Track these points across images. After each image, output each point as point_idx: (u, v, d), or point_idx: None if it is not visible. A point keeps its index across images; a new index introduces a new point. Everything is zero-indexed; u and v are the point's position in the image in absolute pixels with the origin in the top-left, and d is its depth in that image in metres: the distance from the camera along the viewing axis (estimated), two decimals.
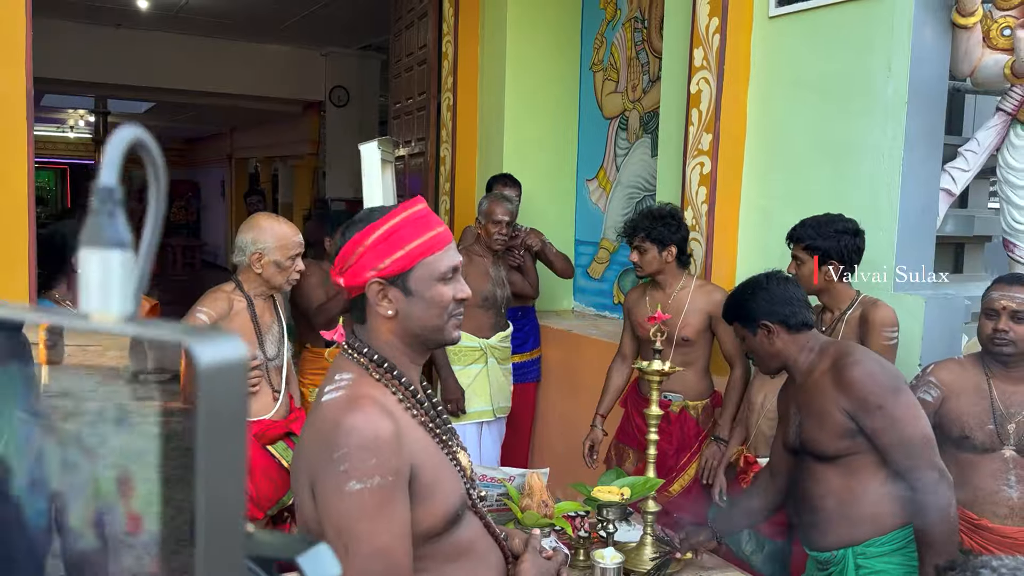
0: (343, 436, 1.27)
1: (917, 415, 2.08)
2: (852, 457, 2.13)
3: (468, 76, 5.12)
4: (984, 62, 2.81)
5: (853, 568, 2.15)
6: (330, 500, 1.27)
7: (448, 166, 5.24)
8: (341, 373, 1.40)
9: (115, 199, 0.48)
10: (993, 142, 2.94)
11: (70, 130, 17.92)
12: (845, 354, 2.13)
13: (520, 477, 2.50)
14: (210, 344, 0.43)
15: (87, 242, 0.47)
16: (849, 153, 2.95)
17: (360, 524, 1.26)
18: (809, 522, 2.25)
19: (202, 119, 14.74)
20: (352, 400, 1.34)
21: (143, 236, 0.50)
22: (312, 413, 1.38)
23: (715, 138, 3.29)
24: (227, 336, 0.45)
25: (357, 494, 1.25)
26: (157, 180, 0.49)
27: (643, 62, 4.53)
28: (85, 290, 0.47)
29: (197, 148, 19.62)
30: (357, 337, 1.44)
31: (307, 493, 1.33)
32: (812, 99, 3.08)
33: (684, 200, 3.44)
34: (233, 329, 2.69)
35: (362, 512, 1.26)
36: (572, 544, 2.52)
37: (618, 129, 4.75)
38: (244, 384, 0.45)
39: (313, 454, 1.31)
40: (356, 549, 1.26)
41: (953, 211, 3.18)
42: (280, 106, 10.85)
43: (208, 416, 0.42)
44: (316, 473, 1.30)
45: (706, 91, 3.32)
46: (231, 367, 0.44)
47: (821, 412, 2.13)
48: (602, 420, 3.35)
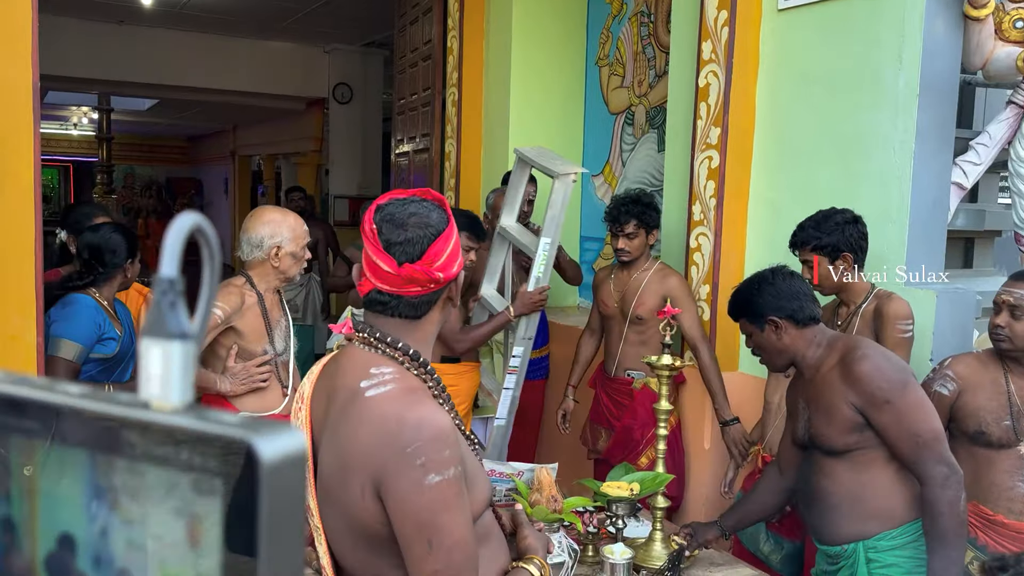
0: (412, 430, 1.24)
1: (926, 410, 2.06)
2: (861, 451, 2.12)
3: (473, 72, 5.10)
4: (996, 55, 2.78)
5: (864, 562, 2.14)
6: (409, 496, 1.24)
7: (453, 162, 5.22)
8: (378, 367, 1.34)
9: (176, 290, 0.48)
10: (1005, 135, 2.92)
11: (73, 127, 17.92)
12: (853, 348, 2.12)
13: (529, 472, 2.49)
14: (271, 439, 0.42)
15: (148, 332, 0.47)
16: (859, 147, 2.93)
17: (442, 516, 1.25)
18: (819, 516, 2.24)
19: (205, 116, 14.72)
20: (408, 393, 1.31)
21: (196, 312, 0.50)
22: (351, 408, 1.31)
23: (724, 132, 3.27)
24: (287, 429, 0.44)
25: (437, 487, 1.24)
26: (212, 262, 0.49)
27: (649, 56, 4.51)
28: (145, 379, 0.47)
29: (200, 145, 19.60)
30: (389, 334, 1.38)
31: (362, 492, 1.28)
32: (822, 92, 3.06)
33: (692, 194, 3.42)
34: (245, 322, 2.69)
35: (444, 504, 1.25)
36: (581, 540, 2.51)
37: (624, 124, 4.73)
38: (304, 479, 0.45)
39: (375, 451, 1.26)
40: (439, 542, 1.25)
41: (963, 205, 3.15)
42: (283, 103, 10.82)
43: (271, 516, 0.42)
44: (384, 470, 1.25)
45: (714, 84, 3.30)
46: (293, 462, 0.43)
47: (829, 407, 2.12)
48: (573, 390, 3.74)
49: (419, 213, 1.35)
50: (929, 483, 2.01)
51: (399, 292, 1.36)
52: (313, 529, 1.41)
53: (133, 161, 19.43)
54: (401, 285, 1.35)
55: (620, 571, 2.21)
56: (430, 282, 1.35)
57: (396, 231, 1.33)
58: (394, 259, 1.33)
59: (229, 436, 0.42)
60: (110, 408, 0.46)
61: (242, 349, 2.73)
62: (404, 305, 1.37)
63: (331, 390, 1.39)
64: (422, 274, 1.34)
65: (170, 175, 19.99)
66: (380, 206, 1.37)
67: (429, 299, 1.38)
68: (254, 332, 2.73)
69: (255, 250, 2.73)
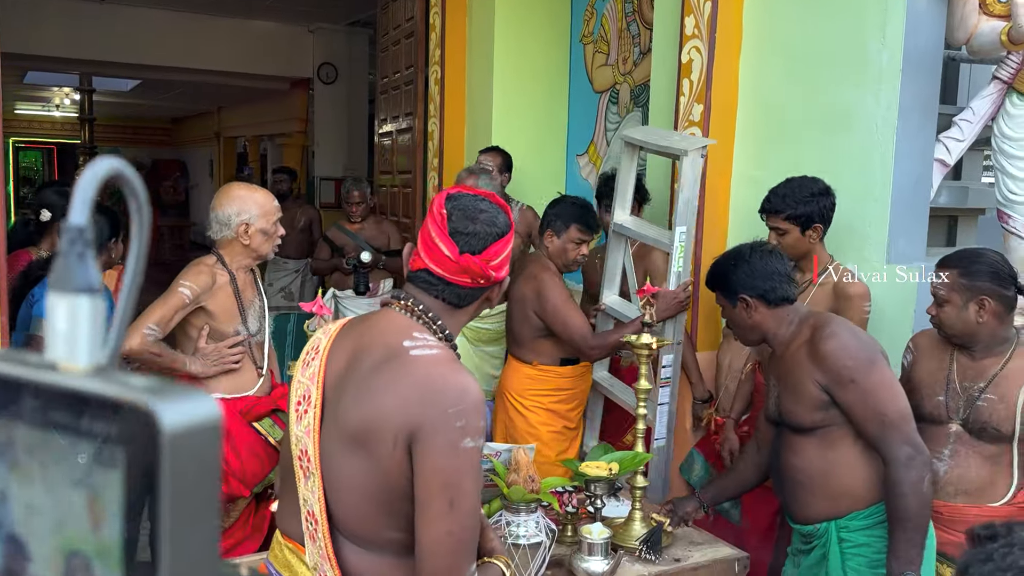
0: (458, 394, 1.32)
1: (893, 389, 2.06)
2: (828, 429, 2.12)
3: (456, 49, 5.04)
4: (980, 29, 2.75)
5: (836, 541, 2.14)
6: (443, 454, 1.30)
7: (436, 141, 5.17)
8: (420, 333, 1.41)
9: (85, 239, 0.44)
10: (988, 111, 2.90)
11: (55, 109, 17.72)
12: (822, 327, 2.11)
13: (506, 452, 2.47)
14: (177, 405, 0.39)
15: (55, 286, 0.43)
16: (842, 123, 2.90)
17: (467, 481, 1.31)
18: (789, 494, 2.25)
19: (189, 97, 14.58)
20: (451, 361, 1.39)
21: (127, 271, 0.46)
22: (392, 364, 1.37)
23: (706, 108, 3.23)
24: (197, 394, 0.40)
25: (469, 452, 1.31)
26: (140, 215, 0.45)
27: (634, 34, 4.45)
28: (52, 338, 0.44)
29: (184, 127, 19.44)
30: (431, 309, 1.46)
31: (394, 442, 1.32)
32: (804, 68, 3.03)
33: (675, 171, 3.39)
34: (217, 302, 2.65)
35: (470, 469, 1.32)
36: (560, 520, 2.49)
37: (608, 103, 4.68)
38: (217, 452, 0.40)
39: (416, 405, 1.32)
40: (460, 504, 1.31)
41: (947, 183, 3.14)
42: (267, 83, 10.72)
43: (175, 489, 0.38)
44: (423, 425, 1.30)
45: (697, 60, 3.26)
46: (202, 431, 0.40)
47: (796, 384, 2.13)
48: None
49: (489, 212, 1.45)
50: (893, 463, 2.01)
51: (450, 279, 1.44)
52: (304, 476, 1.44)
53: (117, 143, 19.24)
54: (455, 273, 1.43)
55: (598, 550, 2.20)
56: (481, 277, 1.44)
57: (465, 222, 1.42)
58: (456, 246, 1.41)
59: (131, 401, 0.39)
60: (12, 369, 0.42)
61: (214, 330, 2.68)
62: (451, 292, 1.46)
63: (360, 346, 1.45)
64: (478, 267, 1.42)
65: (155, 157, 19.83)
66: (453, 195, 1.46)
67: (474, 293, 1.48)
68: (226, 312, 2.68)
69: (223, 228, 2.69)
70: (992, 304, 2.18)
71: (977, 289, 2.18)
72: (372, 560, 1.42)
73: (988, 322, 2.19)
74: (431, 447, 1.30)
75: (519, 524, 2.25)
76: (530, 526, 2.26)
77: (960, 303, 2.21)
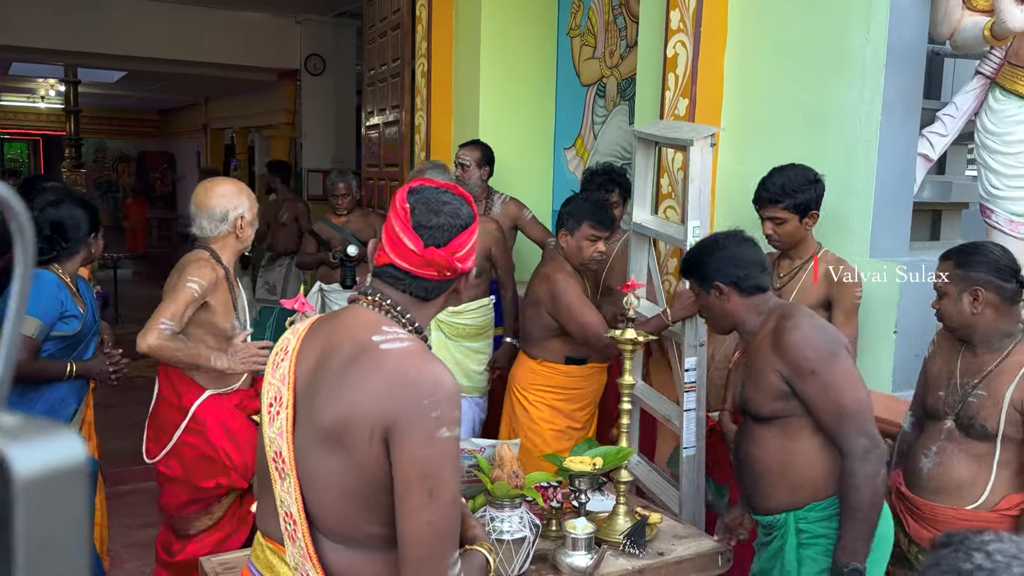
0: (431, 384, 1.33)
1: (853, 382, 2.05)
2: (788, 420, 2.12)
3: (443, 41, 5.02)
4: (964, 24, 2.76)
5: (794, 532, 2.14)
6: (420, 445, 1.31)
7: (423, 134, 5.15)
8: (389, 326, 1.42)
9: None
10: (972, 106, 2.91)
11: (41, 100, 17.60)
12: (786, 317, 2.12)
13: (490, 448, 2.47)
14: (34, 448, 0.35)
15: None
16: (826, 117, 2.91)
17: (446, 471, 1.32)
18: (751, 484, 2.26)
19: (176, 89, 14.49)
20: (422, 352, 1.39)
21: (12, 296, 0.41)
22: (361, 360, 1.37)
23: (691, 103, 3.23)
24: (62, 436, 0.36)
25: (446, 441, 1.32)
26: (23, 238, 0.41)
27: (620, 27, 4.45)
28: None
29: (171, 119, 19.33)
30: (399, 303, 1.45)
31: (371, 438, 1.32)
32: (789, 62, 3.03)
33: (660, 167, 3.39)
34: (217, 298, 2.66)
35: (448, 459, 1.33)
36: (544, 515, 2.50)
37: (596, 96, 4.68)
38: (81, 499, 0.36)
39: (390, 399, 1.32)
40: (440, 494, 1.31)
41: (930, 177, 3.15)
42: (255, 75, 10.66)
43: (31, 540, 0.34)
44: (398, 418, 1.31)
45: (683, 55, 3.26)
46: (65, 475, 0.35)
47: (759, 374, 2.14)
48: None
49: (452, 204, 1.44)
50: (850, 455, 2.01)
51: (416, 272, 1.43)
52: (280, 477, 1.44)
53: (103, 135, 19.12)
54: (420, 266, 1.42)
55: (582, 545, 2.20)
56: (447, 269, 1.43)
57: (429, 215, 1.42)
58: (421, 240, 1.41)
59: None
60: None
61: (212, 326, 2.68)
62: (417, 285, 1.45)
63: (329, 345, 1.44)
64: (443, 260, 1.42)
65: (141, 148, 19.70)
66: (415, 189, 1.46)
67: (441, 286, 1.47)
68: (224, 307, 2.70)
69: (220, 224, 2.70)
70: (986, 295, 2.17)
71: (971, 280, 2.19)
72: (353, 556, 1.42)
73: (984, 314, 2.19)
74: (408, 439, 1.31)
75: (503, 520, 2.25)
76: (514, 521, 2.26)
77: (955, 294, 2.22)
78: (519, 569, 2.27)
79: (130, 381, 3.18)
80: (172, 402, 2.71)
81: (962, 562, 0.92)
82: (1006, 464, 2.18)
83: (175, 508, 2.79)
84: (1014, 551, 0.91)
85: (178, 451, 2.71)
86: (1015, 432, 2.15)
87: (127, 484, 4.21)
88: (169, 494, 2.79)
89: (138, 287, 10.07)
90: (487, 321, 3.78)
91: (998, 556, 0.90)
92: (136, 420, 3.02)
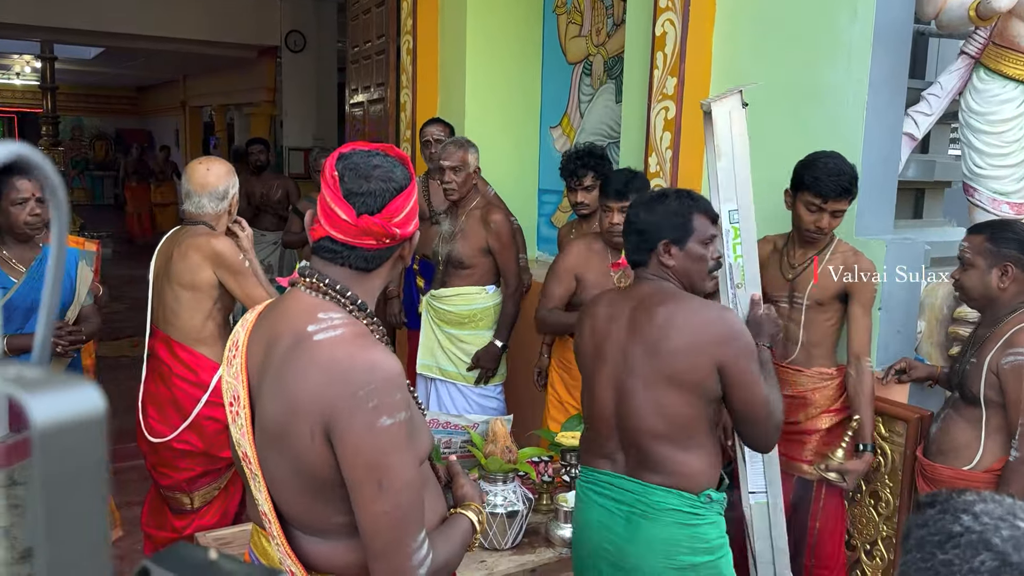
0: (365, 373, 1.26)
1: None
2: None
3: (428, 18, 4.99)
4: (949, 4, 2.79)
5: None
6: (362, 437, 1.26)
7: (409, 112, 5.13)
8: (326, 312, 1.35)
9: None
10: (956, 86, 2.94)
11: (16, 77, 17.32)
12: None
13: (484, 424, 2.49)
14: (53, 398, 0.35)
15: None
16: (813, 96, 2.93)
17: (393, 458, 1.27)
18: None
19: (153, 66, 14.29)
20: (359, 337, 1.33)
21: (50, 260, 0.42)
22: (298, 352, 1.32)
23: (680, 82, 3.24)
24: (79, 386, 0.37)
25: (388, 429, 1.26)
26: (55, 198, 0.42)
27: (607, 5, 4.44)
28: None
29: (149, 96, 19.08)
30: (338, 282, 1.38)
31: (312, 436, 1.28)
32: (777, 42, 3.05)
33: (648, 146, 3.41)
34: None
35: (394, 446, 1.27)
36: (536, 489, 2.53)
37: (582, 74, 4.67)
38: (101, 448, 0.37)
39: (325, 394, 1.27)
40: (390, 483, 1.27)
41: (914, 156, 3.18)
42: (234, 52, 10.53)
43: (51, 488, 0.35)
44: (336, 412, 1.26)
45: (671, 33, 3.26)
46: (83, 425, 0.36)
47: None
48: (548, 348, 3.63)
49: (383, 167, 1.35)
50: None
51: (353, 243, 1.36)
52: (251, 477, 1.41)
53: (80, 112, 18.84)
54: (356, 236, 1.35)
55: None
56: (385, 236, 1.35)
57: (359, 181, 1.33)
58: (353, 209, 1.33)
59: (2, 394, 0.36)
60: None
61: (221, 300, 2.80)
62: (356, 257, 1.37)
63: (272, 336, 1.39)
64: (379, 227, 1.34)
65: (119, 126, 19.45)
66: (344, 155, 1.37)
67: (382, 255, 1.39)
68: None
69: (220, 203, 2.79)
70: (1015, 271, 2.29)
71: (1003, 256, 2.30)
72: (327, 547, 1.40)
73: (1009, 289, 2.30)
74: (348, 433, 1.26)
75: (496, 493, 2.29)
76: (507, 495, 2.30)
77: (984, 267, 2.32)
78: (512, 541, 2.31)
79: (115, 360, 3.17)
80: (188, 378, 2.78)
81: (950, 524, 0.93)
82: (997, 428, 2.29)
83: (186, 483, 2.83)
84: (999, 512, 0.92)
85: (198, 425, 2.78)
86: (995, 395, 2.27)
87: (116, 463, 4.21)
88: (183, 470, 2.82)
89: (118, 266, 9.97)
90: (474, 312, 3.63)
91: (985, 518, 0.92)
92: (123, 399, 3.02)
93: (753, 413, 1.93)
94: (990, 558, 0.88)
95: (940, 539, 0.92)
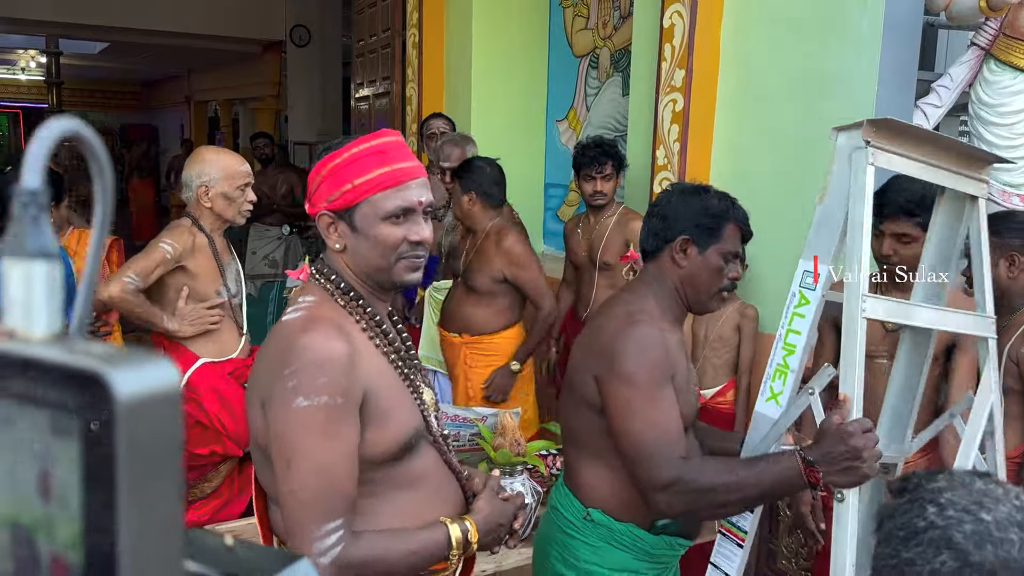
0: (295, 354, 1.29)
1: None
2: None
3: (434, 11, 4.98)
4: None
5: None
6: (277, 415, 1.29)
7: (415, 106, 5.12)
8: (305, 296, 1.42)
9: (39, 203, 0.41)
10: (966, 77, 2.92)
11: (21, 72, 17.33)
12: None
13: (492, 417, 2.49)
14: (132, 373, 0.36)
15: (9, 252, 0.41)
16: (823, 89, 2.92)
17: (304, 440, 1.27)
18: None
19: (159, 60, 14.29)
20: (309, 320, 1.35)
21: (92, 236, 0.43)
22: (270, 333, 1.39)
23: (688, 74, 3.23)
24: (157, 361, 0.38)
25: (303, 410, 1.27)
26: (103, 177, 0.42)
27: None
28: (8, 305, 0.42)
29: (154, 91, 19.09)
30: (325, 263, 1.44)
31: (258, 411, 1.35)
32: (786, 33, 3.03)
33: (656, 138, 3.40)
34: (197, 263, 2.67)
35: (307, 428, 1.27)
36: (545, 482, 2.53)
37: (588, 67, 4.66)
38: (178, 422, 0.38)
39: (265, 371, 1.34)
40: (297, 464, 1.28)
41: None
42: (239, 46, 10.52)
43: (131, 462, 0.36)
44: (267, 389, 1.31)
45: (679, 25, 3.25)
46: (161, 400, 0.37)
47: None
48: (556, 342, 3.71)
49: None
50: None
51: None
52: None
53: (85, 107, 18.86)
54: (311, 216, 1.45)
55: None
56: (313, 215, 1.44)
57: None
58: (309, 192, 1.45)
59: (84, 369, 0.36)
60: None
61: (194, 291, 2.74)
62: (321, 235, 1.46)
63: None
64: (308, 205, 1.44)
65: (124, 121, 19.47)
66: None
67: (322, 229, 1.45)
68: (207, 273, 2.73)
69: (186, 190, 2.76)
70: (1022, 260, 2.28)
71: (1006, 245, 2.28)
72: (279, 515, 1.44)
73: (1019, 278, 2.29)
74: (270, 410, 1.30)
75: (505, 486, 2.28)
76: (516, 488, 2.30)
77: (992, 260, 2.28)
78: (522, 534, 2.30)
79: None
80: None
81: (915, 517, 0.91)
82: (1017, 416, 2.28)
83: None
84: (966, 502, 0.90)
85: None
86: (1015, 383, 2.27)
87: None
88: None
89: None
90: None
91: (950, 510, 0.89)
92: None
93: (624, 446, 1.66)
94: (951, 557, 0.86)
95: (905, 535, 0.91)
